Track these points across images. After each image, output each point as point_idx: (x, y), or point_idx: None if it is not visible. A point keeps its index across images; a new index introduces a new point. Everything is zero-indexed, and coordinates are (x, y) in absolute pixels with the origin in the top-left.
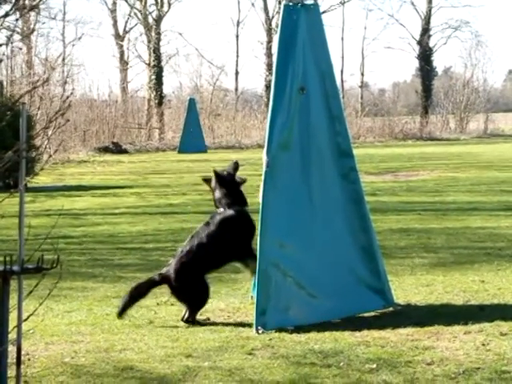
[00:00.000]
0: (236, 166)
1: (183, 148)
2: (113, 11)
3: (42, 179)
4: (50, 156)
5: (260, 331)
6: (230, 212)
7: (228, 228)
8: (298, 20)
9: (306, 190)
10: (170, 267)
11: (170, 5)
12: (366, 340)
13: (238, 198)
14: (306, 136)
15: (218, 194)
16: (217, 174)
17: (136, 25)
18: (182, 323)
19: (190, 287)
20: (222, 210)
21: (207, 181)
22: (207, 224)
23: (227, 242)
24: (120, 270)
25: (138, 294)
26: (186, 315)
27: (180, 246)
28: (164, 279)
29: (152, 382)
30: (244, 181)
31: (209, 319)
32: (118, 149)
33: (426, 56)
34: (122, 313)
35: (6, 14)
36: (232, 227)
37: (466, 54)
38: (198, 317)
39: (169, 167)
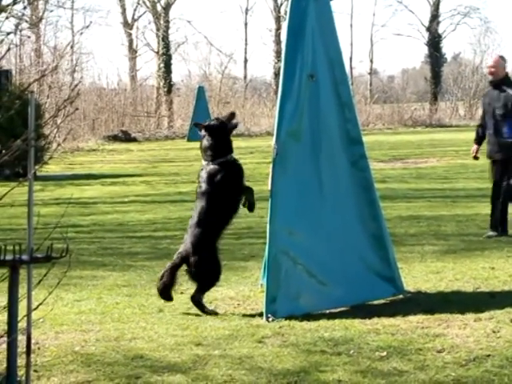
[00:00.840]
0: (232, 116)
1: (192, 136)
2: None
3: (51, 168)
4: (59, 145)
5: (270, 319)
6: (213, 166)
7: (216, 182)
8: (307, 7)
9: (316, 177)
10: (186, 243)
11: None
12: (376, 328)
13: (224, 147)
14: (316, 123)
15: (204, 143)
16: (206, 125)
17: (145, 13)
18: (192, 311)
19: (206, 262)
20: (205, 163)
21: (197, 125)
22: (199, 186)
23: (221, 195)
24: (130, 258)
25: (168, 283)
26: (193, 293)
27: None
28: (184, 258)
29: (162, 370)
30: (234, 126)
31: (215, 311)
32: (127, 137)
33: (435, 42)
34: (167, 297)
35: (15, 2)
36: (219, 181)
37: (475, 41)
38: (208, 306)
39: (178, 155)
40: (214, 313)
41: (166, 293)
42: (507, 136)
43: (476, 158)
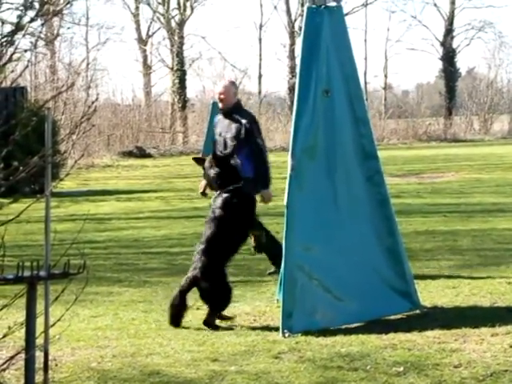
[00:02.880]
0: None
1: (207, 151)
2: (135, 15)
3: (66, 184)
4: (76, 161)
5: (286, 334)
6: (227, 195)
7: (229, 209)
8: (322, 22)
9: (331, 192)
10: (194, 268)
11: (192, 9)
12: (393, 343)
13: (232, 175)
14: (331, 139)
15: (212, 173)
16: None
17: (159, 29)
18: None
19: (215, 287)
20: (218, 192)
21: (198, 160)
22: (212, 211)
23: (233, 223)
24: (145, 274)
25: (178, 308)
26: (205, 317)
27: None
28: (192, 283)
29: None
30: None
31: (232, 325)
32: (142, 153)
33: (449, 57)
34: (175, 323)
35: (32, 20)
36: (232, 208)
37: (489, 55)
38: (222, 324)
39: (193, 171)
40: (229, 328)
41: (177, 319)
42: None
43: (204, 194)
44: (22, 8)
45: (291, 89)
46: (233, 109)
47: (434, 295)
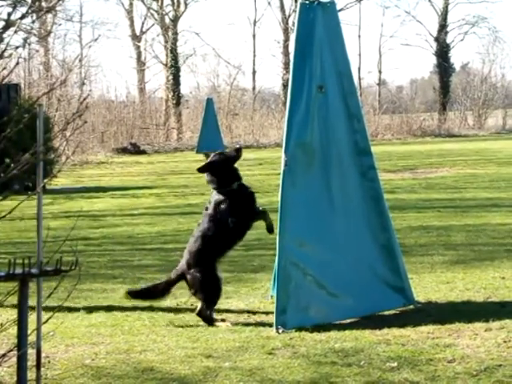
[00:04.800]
0: (237, 152)
1: (201, 148)
2: (129, 12)
3: (60, 181)
4: (68, 158)
5: (280, 330)
6: (218, 197)
7: (221, 211)
8: (315, 18)
9: (325, 188)
10: (182, 261)
11: (186, 5)
12: (387, 338)
13: (229, 177)
14: (325, 135)
15: (207, 178)
16: (207, 164)
17: (153, 25)
18: (202, 323)
19: (204, 277)
20: (214, 191)
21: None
22: (206, 208)
23: (227, 222)
24: (139, 271)
25: (153, 292)
26: (199, 308)
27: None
28: (180, 276)
29: (172, 382)
30: (237, 157)
31: (224, 320)
32: (136, 150)
33: (443, 52)
34: (132, 294)
35: (23, 16)
36: (224, 209)
37: (483, 50)
38: (216, 316)
39: (187, 167)
40: (223, 322)
41: (139, 294)
42: None
43: None
44: (12, 4)
45: (285, 85)
46: None
47: (428, 290)
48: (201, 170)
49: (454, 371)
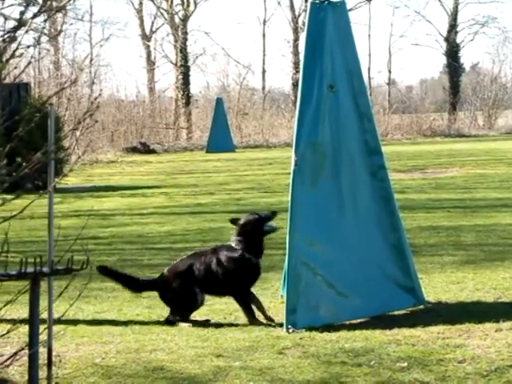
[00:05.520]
0: (272, 215)
1: (211, 147)
2: (139, 11)
3: (70, 180)
4: (79, 157)
5: (290, 330)
6: (236, 254)
7: (224, 267)
8: (326, 18)
9: (335, 188)
10: (162, 277)
11: (196, 4)
12: (397, 338)
13: (255, 246)
14: (336, 134)
15: (237, 237)
16: (244, 223)
17: (162, 25)
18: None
19: (176, 293)
20: (233, 245)
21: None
22: (214, 251)
23: (220, 278)
24: (149, 270)
25: (128, 282)
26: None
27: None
28: (152, 286)
29: (183, 382)
30: (271, 231)
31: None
32: (145, 149)
33: (453, 52)
34: (101, 270)
35: (35, 16)
36: (229, 268)
37: (493, 50)
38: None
39: (197, 167)
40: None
41: (108, 272)
42: None
43: None
44: (24, 4)
45: (295, 84)
46: None
47: (438, 291)
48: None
49: (464, 371)
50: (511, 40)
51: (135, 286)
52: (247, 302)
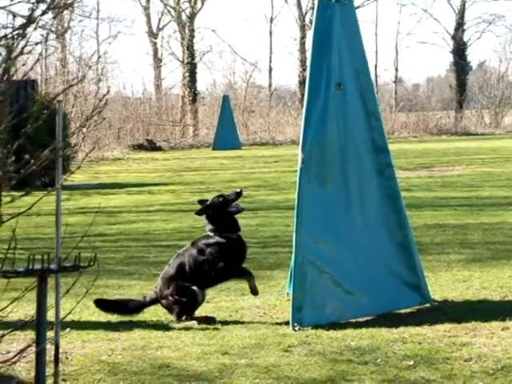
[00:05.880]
0: (238, 195)
1: (217, 145)
2: (146, 9)
3: (76, 177)
4: (87, 154)
5: (296, 328)
6: (215, 239)
7: (208, 253)
8: (333, 15)
9: (343, 186)
10: (157, 287)
11: (203, 2)
12: (403, 336)
13: (228, 224)
14: (343, 132)
15: (208, 223)
16: (205, 206)
17: (169, 22)
18: (218, 319)
19: (175, 296)
20: (209, 234)
21: (201, 202)
22: (192, 244)
23: (210, 267)
24: (155, 267)
25: (124, 308)
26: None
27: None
28: (153, 301)
29: (189, 379)
30: (238, 211)
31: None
32: (152, 146)
33: (460, 50)
34: (100, 303)
35: (43, 13)
36: (213, 253)
37: (500, 48)
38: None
39: (203, 164)
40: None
41: (110, 305)
42: None
43: None
44: (33, 1)
45: (302, 82)
46: None
47: (445, 289)
48: (209, 206)
49: (470, 370)
50: None
51: (137, 306)
52: (244, 271)
